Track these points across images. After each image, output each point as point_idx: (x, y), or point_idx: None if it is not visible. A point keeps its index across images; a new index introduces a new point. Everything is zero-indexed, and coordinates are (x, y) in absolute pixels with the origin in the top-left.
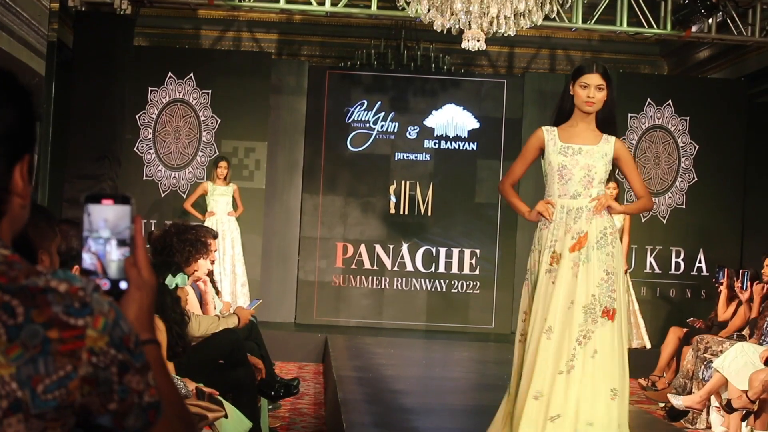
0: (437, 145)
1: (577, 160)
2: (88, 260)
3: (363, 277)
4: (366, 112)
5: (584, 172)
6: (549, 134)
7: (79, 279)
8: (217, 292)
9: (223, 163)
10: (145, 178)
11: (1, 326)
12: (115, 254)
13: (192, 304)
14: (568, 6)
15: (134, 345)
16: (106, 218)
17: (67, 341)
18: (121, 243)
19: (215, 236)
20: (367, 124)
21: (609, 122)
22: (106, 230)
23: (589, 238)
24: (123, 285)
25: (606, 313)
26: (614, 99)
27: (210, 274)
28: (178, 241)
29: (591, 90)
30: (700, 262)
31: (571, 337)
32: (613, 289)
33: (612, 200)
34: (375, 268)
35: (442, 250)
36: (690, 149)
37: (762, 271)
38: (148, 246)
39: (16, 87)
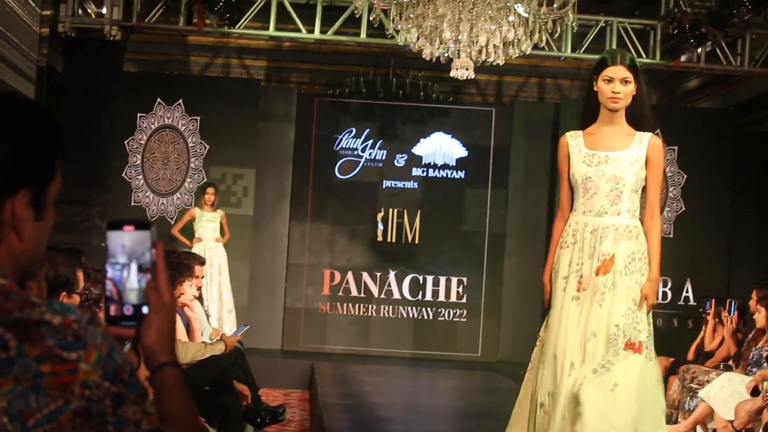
0: (425, 173)
1: (603, 171)
2: (108, 286)
3: (350, 304)
4: (354, 139)
5: (611, 186)
6: (573, 140)
7: (75, 311)
8: (206, 315)
9: (210, 189)
10: (133, 204)
11: None
12: (135, 279)
13: (178, 330)
14: (557, 35)
15: (129, 376)
16: (123, 244)
17: (60, 375)
18: (143, 268)
19: (202, 263)
20: (356, 152)
21: (640, 118)
22: (123, 256)
23: (616, 262)
24: (145, 310)
25: (630, 346)
26: (644, 92)
27: (199, 295)
28: None
29: (616, 84)
30: (687, 291)
31: (585, 367)
32: (638, 321)
33: (653, 285)
34: (362, 295)
35: (429, 278)
36: (678, 179)
37: (749, 303)
38: None
39: (11, 120)
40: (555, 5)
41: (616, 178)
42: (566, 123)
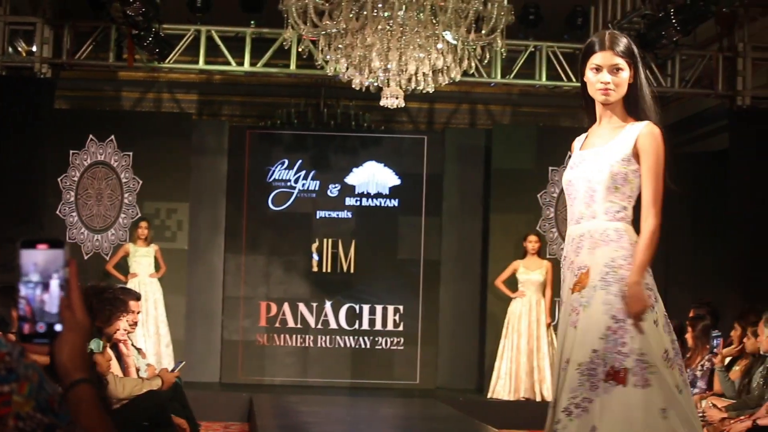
0: (359, 203)
1: (583, 171)
2: (21, 305)
3: (287, 335)
4: (287, 170)
5: (586, 186)
6: (577, 143)
7: (5, 344)
8: (140, 351)
9: (143, 224)
10: (68, 241)
11: None
12: (49, 297)
13: (114, 367)
14: (486, 61)
15: (58, 405)
16: (35, 262)
17: None
18: (56, 286)
19: (138, 298)
20: (288, 183)
21: (638, 106)
22: (36, 274)
23: (591, 275)
24: (59, 327)
25: (612, 376)
26: (643, 81)
27: (133, 331)
28: (97, 302)
29: (604, 73)
30: None
31: (558, 406)
32: (624, 342)
33: (632, 290)
34: (299, 326)
35: (366, 307)
36: None
37: (686, 322)
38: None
39: None
40: (483, 32)
41: (588, 178)
42: (498, 148)
